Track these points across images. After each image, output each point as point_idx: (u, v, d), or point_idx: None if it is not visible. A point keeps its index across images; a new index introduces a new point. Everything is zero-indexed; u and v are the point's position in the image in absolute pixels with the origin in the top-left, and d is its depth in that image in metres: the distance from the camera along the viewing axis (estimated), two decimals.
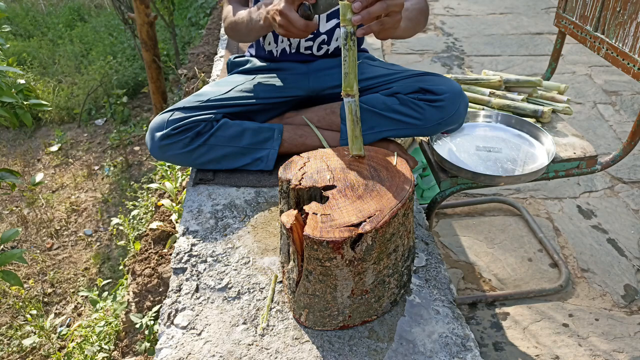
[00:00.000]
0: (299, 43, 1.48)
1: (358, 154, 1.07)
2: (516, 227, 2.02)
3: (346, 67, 1.01)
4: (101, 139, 3.85)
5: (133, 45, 4.62)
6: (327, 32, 1.46)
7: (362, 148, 1.07)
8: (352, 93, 1.03)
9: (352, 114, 1.04)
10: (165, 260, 1.88)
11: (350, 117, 1.04)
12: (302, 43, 1.48)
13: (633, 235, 1.97)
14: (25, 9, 5.79)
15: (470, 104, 1.69)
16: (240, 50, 2.26)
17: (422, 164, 2.03)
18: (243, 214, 1.29)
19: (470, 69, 3.28)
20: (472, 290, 1.75)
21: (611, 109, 2.80)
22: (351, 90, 1.02)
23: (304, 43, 1.47)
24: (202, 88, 1.48)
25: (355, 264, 0.90)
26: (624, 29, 1.45)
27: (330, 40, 1.48)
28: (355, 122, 1.05)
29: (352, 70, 1.01)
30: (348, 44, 1.00)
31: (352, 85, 1.02)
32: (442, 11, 4.26)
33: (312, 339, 0.98)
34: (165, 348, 0.97)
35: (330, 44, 1.49)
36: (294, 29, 1.14)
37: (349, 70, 1.01)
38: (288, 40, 1.48)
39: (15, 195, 3.21)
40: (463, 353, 0.96)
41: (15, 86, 1.47)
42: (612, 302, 1.70)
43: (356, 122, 1.05)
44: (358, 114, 1.04)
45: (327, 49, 1.50)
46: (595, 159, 1.52)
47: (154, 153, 1.34)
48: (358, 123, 1.05)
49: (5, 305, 2.38)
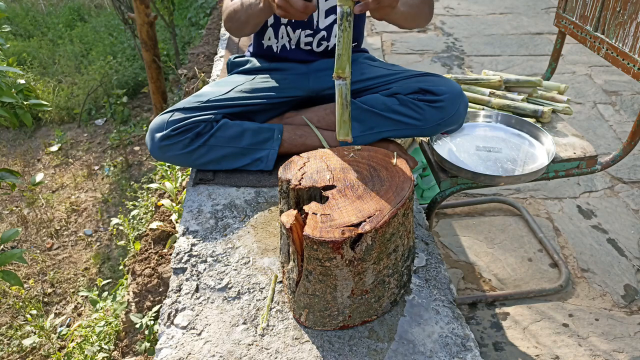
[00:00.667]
0: (298, 39, 1.48)
1: (345, 139, 1.04)
2: (516, 227, 2.02)
3: (340, 49, 0.98)
4: (101, 139, 3.86)
5: (133, 45, 4.62)
6: (326, 28, 1.46)
7: (349, 133, 1.04)
8: (344, 75, 1.00)
9: (342, 97, 1.01)
10: (165, 260, 1.88)
11: (340, 101, 1.01)
12: (302, 39, 1.48)
13: (633, 235, 1.97)
14: (25, 9, 5.79)
15: (470, 104, 1.69)
16: (241, 50, 2.26)
17: (422, 164, 2.03)
18: (243, 214, 1.29)
19: (470, 69, 3.28)
20: (472, 290, 1.75)
21: (611, 109, 2.80)
22: (343, 73, 0.99)
23: (303, 39, 1.48)
24: (202, 88, 1.48)
25: (355, 264, 0.90)
26: (624, 29, 1.45)
27: (330, 36, 1.48)
28: (345, 105, 1.01)
29: (345, 52, 0.98)
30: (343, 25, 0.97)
31: (345, 67, 0.99)
32: (442, 11, 4.26)
33: (312, 339, 0.98)
34: (165, 348, 0.97)
35: (329, 40, 1.49)
36: (292, 9, 1.12)
37: (342, 51, 0.98)
38: (288, 36, 1.48)
39: (15, 195, 3.21)
40: (463, 353, 0.96)
41: (15, 86, 1.47)
42: (612, 302, 1.70)
43: (345, 105, 1.01)
44: (348, 98, 1.01)
45: (327, 45, 1.50)
46: (595, 159, 1.52)
47: (154, 154, 1.34)
48: (347, 107, 1.01)
49: (5, 305, 2.38)
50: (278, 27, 1.47)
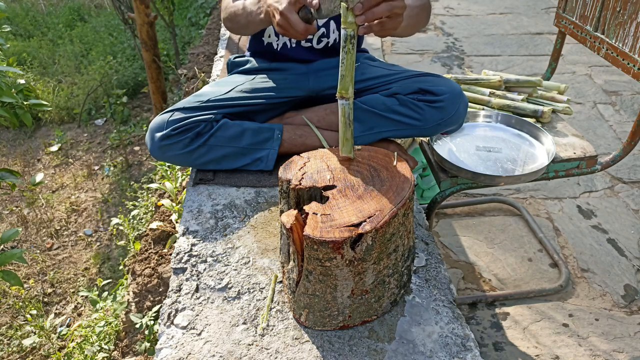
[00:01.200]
0: None
1: (347, 156, 1.07)
2: (516, 227, 2.02)
3: (343, 70, 1.01)
4: (101, 139, 3.86)
5: (133, 45, 4.62)
6: (325, 25, 1.47)
7: (351, 151, 1.06)
8: (347, 96, 1.02)
9: (345, 117, 1.04)
10: (165, 260, 1.88)
11: (343, 120, 1.04)
12: None
13: (633, 235, 1.97)
14: (25, 9, 5.79)
15: (470, 104, 1.69)
16: (241, 50, 2.26)
17: (422, 164, 2.03)
18: (243, 214, 1.29)
19: (470, 69, 3.28)
20: (472, 290, 1.75)
21: (611, 109, 2.80)
22: (346, 93, 1.02)
23: None
24: (202, 88, 1.48)
25: (355, 264, 0.90)
26: (624, 29, 1.45)
27: (329, 32, 1.48)
28: (348, 124, 1.05)
29: (348, 73, 1.01)
30: (347, 47, 0.99)
31: (348, 88, 1.02)
32: (442, 11, 4.26)
33: (312, 339, 0.98)
34: (165, 348, 0.97)
35: (329, 36, 1.49)
36: (292, 31, 1.13)
37: (345, 72, 1.01)
38: None
39: (15, 195, 3.21)
40: (463, 353, 0.96)
41: (15, 86, 1.47)
42: (612, 302, 1.70)
43: (348, 124, 1.05)
44: (351, 117, 1.04)
45: (327, 42, 1.50)
46: (595, 159, 1.52)
47: (154, 153, 1.34)
48: (350, 126, 1.05)
49: (5, 305, 2.38)
50: None
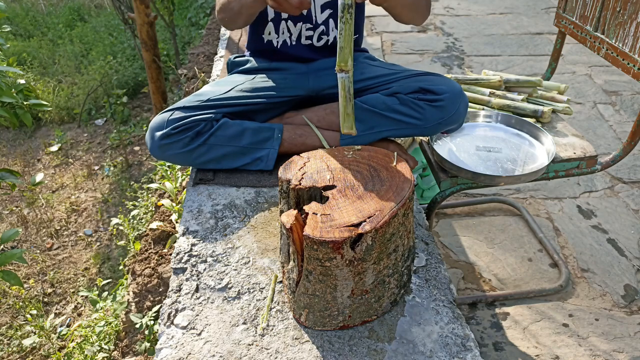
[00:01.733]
0: (299, 33, 1.48)
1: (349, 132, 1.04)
2: (516, 227, 2.02)
3: (341, 41, 0.98)
4: (101, 139, 3.86)
5: (133, 45, 4.62)
6: (324, 22, 1.47)
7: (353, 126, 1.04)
8: (347, 69, 1.00)
9: (345, 90, 1.01)
10: (165, 260, 1.88)
11: (343, 94, 1.01)
12: (303, 32, 1.48)
13: (633, 235, 1.97)
14: (25, 9, 5.79)
15: (470, 104, 1.69)
16: (241, 50, 2.26)
17: (422, 164, 2.03)
18: (243, 214, 1.29)
19: (470, 69, 3.28)
20: (472, 290, 1.75)
21: (611, 109, 2.80)
22: (345, 66, 1.00)
23: (304, 32, 1.48)
24: (202, 88, 1.48)
25: (355, 264, 0.90)
26: (624, 29, 1.45)
27: (329, 30, 1.48)
28: (348, 98, 1.01)
29: (347, 44, 0.98)
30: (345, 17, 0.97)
31: (347, 60, 0.99)
32: (442, 11, 4.26)
33: (312, 339, 0.98)
34: (165, 348, 0.97)
35: (329, 34, 1.49)
36: (286, 4, 1.11)
37: (344, 44, 0.98)
38: (289, 32, 1.48)
39: (15, 195, 3.21)
40: (463, 353, 0.96)
41: (15, 86, 1.47)
42: (612, 302, 1.70)
43: (349, 98, 1.01)
44: (351, 91, 1.01)
45: (327, 40, 1.50)
46: (595, 159, 1.52)
47: (154, 152, 1.34)
48: (351, 100, 1.02)
49: (5, 305, 2.38)
50: (279, 22, 1.47)
